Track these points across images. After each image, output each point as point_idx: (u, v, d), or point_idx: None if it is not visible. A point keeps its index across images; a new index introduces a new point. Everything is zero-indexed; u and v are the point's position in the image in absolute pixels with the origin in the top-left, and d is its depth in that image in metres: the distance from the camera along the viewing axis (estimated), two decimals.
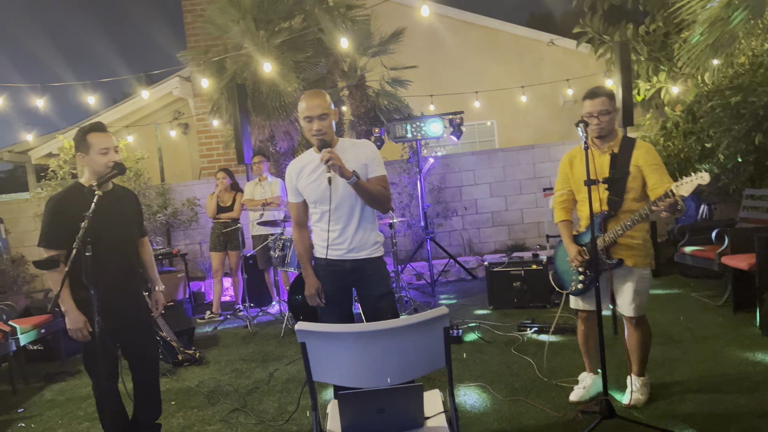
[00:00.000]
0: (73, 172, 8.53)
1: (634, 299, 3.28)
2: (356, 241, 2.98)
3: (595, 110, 3.26)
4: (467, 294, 7.01)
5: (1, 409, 4.40)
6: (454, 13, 11.84)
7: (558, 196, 3.57)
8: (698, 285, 6.21)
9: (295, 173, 3.03)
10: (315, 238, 3.11)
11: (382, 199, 2.96)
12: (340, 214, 2.95)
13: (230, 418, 3.79)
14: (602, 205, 3.29)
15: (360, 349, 2.06)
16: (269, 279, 6.99)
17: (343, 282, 3.05)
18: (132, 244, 3.23)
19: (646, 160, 3.20)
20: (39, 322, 5.22)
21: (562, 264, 3.57)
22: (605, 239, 3.27)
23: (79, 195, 2.92)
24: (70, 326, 2.94)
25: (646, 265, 3.30)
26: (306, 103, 2.89)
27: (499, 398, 3.65)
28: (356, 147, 3.00)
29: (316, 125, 2.87)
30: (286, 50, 7.65)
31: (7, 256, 8.57)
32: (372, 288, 3.02)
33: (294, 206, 3.12)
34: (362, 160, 2.94)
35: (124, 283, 3.12)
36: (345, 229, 2.97)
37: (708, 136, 6.57)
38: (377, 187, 2.93)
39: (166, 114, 11.91)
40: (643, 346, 3.39)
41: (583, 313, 3.53)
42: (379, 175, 2.97)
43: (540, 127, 11.80)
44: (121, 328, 3.08)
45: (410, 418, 2.20)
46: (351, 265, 3.00)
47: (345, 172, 2.79)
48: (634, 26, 8.43)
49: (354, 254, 2.99)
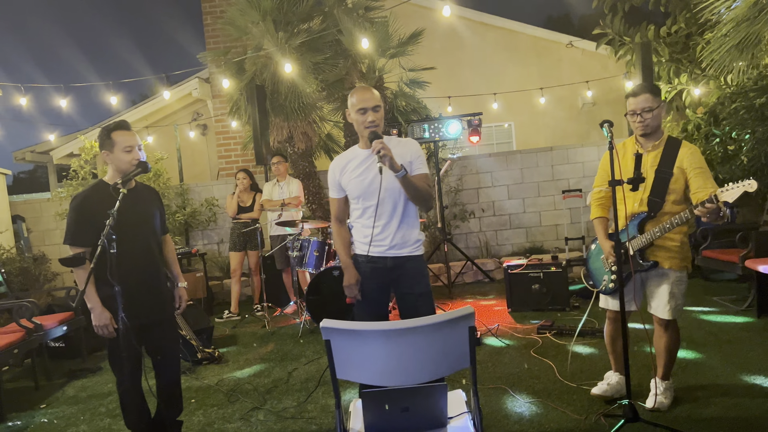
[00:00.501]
0: (94, 172, 8.63)
1: (669, 302, 3.23)
2: (398, 238, 2.96)
3: (638, 107, 3.21)
4: (485, 296, 6.98)
5: (24, 405, 4.46)
6: (473, 14, 11.82)
7: (596, 192, 3.52)
8: (721, 289, 6.13)
9: (339, 168, 3.04)
10: (356, 235, 3.08)
11: (427, 196, 2.95)
12: (383, 210, 2.94)
13: (250, 416, 3.80)
14: (641, 206, 3.25)
15: (384, 347, 2.06)
16: (287, 279, 7.01)
17: (383, 279, 3.01)
18: (155, 242, 3.25)
19: (691, 163, 3.13)
20: (61, 320, 5.28)
21: (595, 261, 3.54)
22: (642, 240, 3.22)
23: (104, 193, 2.96)
24: (95, 323, 2.96)
25: (682, 267, 3.26)
26: (359, 96, 2.92)
27: (520, 400, 3.62)
28: (402, 144, 3.01)
29: (370, 116, 2.88)
30: (305, 51, 7.68)
31: (29, 254, 8.68)
32: (412, 287, 3.00)
33: (335, 202, 3.12)
34: (407, 156, 2.94)
35: (148, 280, 3.14)
36: (387, 225, 2.96)
37: (731, 139, 6.48)
38: (422, 184, 2.93)
39: (186, 115, 12.01)
40: (672, 350, 3.34)
41: (611, 313, 3.49)
42: (423, 173, 2.97)
43: (558, 129, 11.73)
44: (145, 325, 3.10)
45: (434, 418, 2.19)
46: (392, 262, 2.98)
47: (395, 165, 2.77)
48: (655, 27, 8.35)
49: (395, 251, 2.97)
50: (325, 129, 9.26)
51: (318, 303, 5.69)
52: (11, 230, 8.70)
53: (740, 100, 6.10)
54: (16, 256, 8.22)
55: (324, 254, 6.08)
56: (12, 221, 8.83)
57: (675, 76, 8.23)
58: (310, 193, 8.31)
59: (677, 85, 8.16)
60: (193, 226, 8.98)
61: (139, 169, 3.02)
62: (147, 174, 3.49)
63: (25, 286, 7.97)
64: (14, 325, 4.80)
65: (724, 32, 5.36)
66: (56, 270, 8.90)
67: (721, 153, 6.64)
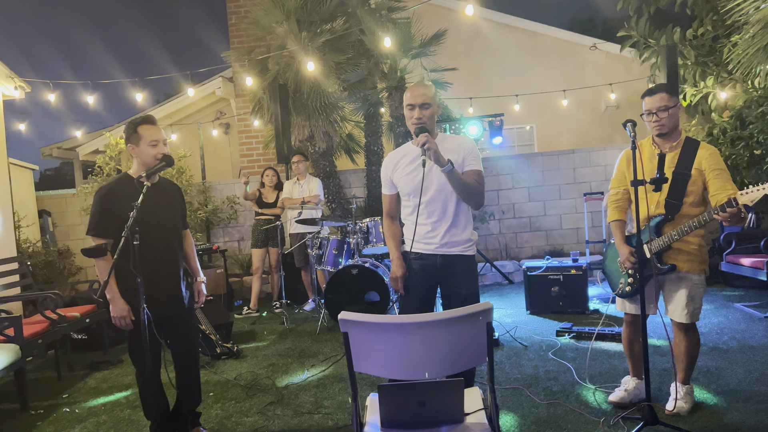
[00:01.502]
0: (119, 168, 8.76)
1: (687, 305, 3.18)
2: (449, 236, 2.94)
3: (653, 107, 3.17)
4: (504, 298, 6.95)
5: (46, 395, 4.54)
6: (496, 16, 11.78)
7: (613, 194, 3.48)
8: (744, 295, 6.04)
9: (392, 165, 3.04)
10: (406, 232, 3.06)
11: (476, 193, 2.92)
12: (433, 208, 2.93)
13: (267, 410, 3.83)
14: (658, 208, 3.20)
15: (403, 341, 2.06)
16: (306, 277, 7.05)
17: (432, 278, 2.98)
18: (176, 236, 3.30)
19: (710, 164, 3.07)
20: (84, 312, 5.37)
21: (611, 264, 3.51)
22: (659, 243, 3.17)
23: (128, 186, 3.01)
24: (113, 314, 3.01)
25: (700, 271, 3.20)
26: (410, 92, 2.93)
27: (537, 401, 3.60)
28: (454, 139, 3.02)
29: (417, 113, 2.88)
30: (328, 51, 7.73)
31: (54, 248, 8.84)
32: (460, 287, 2.97)
33: (387, 198, 3.12)
34: (460, 152, 2.93)
35: (169, 273, 3.18)
36: (438, 223, 2.94)
37: (757, 143, 6.38)
38: (471, 180, 2.90)
39: (209, 113, 12.14)
40: (691, 354, 3.29)
41: (628, 317, 3.46)
42: (475, 169, 2.95)
43: (581, 132, 11.64)
44: (166, 318, 3.14)
45: (450, 413, 2.19)
46: (442, 260, 2.96)
47: (440, 159, 2.75)
48: (681, 30, 8.25)
49: (446, 249, 2.95)
50: (346, 129, 9.30)
51: (336, 301, 5.72)
52: (38, 224, 8.87)
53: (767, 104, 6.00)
54: (41, 249, 8.38)
55: (343, 252, 6.11)
56: (38, 216, 9.00)
57: (701, 79, 8.12)
58: (330, 193, 8.35)
59: (703, 88, 8.05)
60: (215, 224, 9.07)
61: (163, 162, 3.07)
62: (170, 170, 3.55)
63: (50, 279, 8.12)
64: (39, 316, 4.90)
65: (751, 34, 5.28)
66: (80, 264, 9.06)
67: (747, 157, 6.54)
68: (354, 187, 9.08)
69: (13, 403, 4.34)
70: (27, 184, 8.81)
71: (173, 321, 3.23)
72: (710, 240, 7.63)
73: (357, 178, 9.08)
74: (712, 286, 6.60)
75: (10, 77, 7.00)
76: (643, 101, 3.26)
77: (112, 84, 8.82)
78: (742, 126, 6.68)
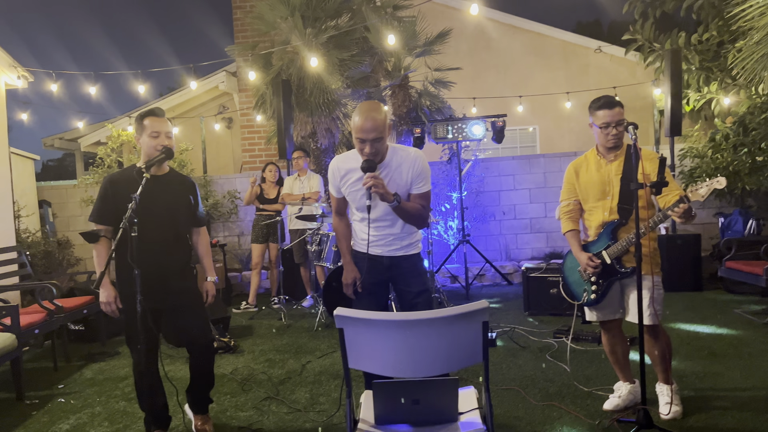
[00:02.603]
0: (120, 161, 8.77)
1: (649, 307, 3.18)
2: (395, 242, 3.02)
3: (613, 120, 3.20)
4: (502, 299, 6.94)
5: (42, 385, 4.54)
6: (501, 16, 11.76)
7: (564, 206, 3.52)
8: (743, 301, 6.03)
9: (340, 175, 3.00)
10: (356, 233, 3.13)
11: (420, 219, 2.98)
12: (379, 224, 2.99)
13: (262, 405, 3.83)
14: (612, 214, 3.25)
15: (398, 338, 2.06)
16: (305, 273, 7.05)
17: (381, 276, 3.07)
18: (174, 231, 3.25)
19: (654, 169, 3.11)
20: (82, 303, 5.37)
21: (572, 274, 3.51)
22: (618, 248, 3.22)
23: (131, 176, 3.01)
24: (101, 299, 3.06)
25: (657, 273, 3.23)
26: (361, 123, 2.73)
27: (533, 403, 3.60)
28: (405, 157, 2.92)
29: (368, 148, 2.78)
30: (332, 48, 7.72)
31: (54, 238, 8.84)
32: (409, 284, 3.04)
33: (335, 199, 3.14)
34: (408, 173, 2.91)
35: (162, 266, 3.15)
36: (384, 233, 3.01)
37: (759, 149, 6.38)
38: (416, 207, 2.94)
39: (212, 108, 12.14)
40: (664, 355, 3.28)
41: (603, 324, 3.46)
42: (422, 192, 2.95)
43: (583, 135, 11.60)
44: (160, 310, 3.16)
45: (444, 412, 2.19)
46: (389, 261, 3.03)
47: (387, 197, 2.79)
48: (686, 35, 8.23)
49: (392, 252, 3.03)
50: (349, 126, 9.26)
51: (334, 298, 5.71)
52: (38, 214, 8.87)
53: None
54: (41, 239, 8.38)
55: None
56: (39, 206, 9.00)
57: (705, 84, 8.11)
58: None
59: (706, 93, 8.04)
60: (215, 218, 9.07)
61: (163, 154, 3.07)
62: (171, 163, 3.54)
63: (49, 269, 8.12)
64: (36, 306, 4.90)
65: (756, 40, 5.27)
66: (79, 255, 9.06)
67: (749, 163, 6.53)
68: None
69: (9, 392, 4.35)
70: (28, 174, 8.82)
71: (170, 313, 3.23)
72: (709, 245, 7.62)
73: None
74: (710, 291, 6.58)
75: (14, 66, 7.00)
76: (596, 113, 3.27)
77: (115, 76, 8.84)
78: (745, 132, 6.67)
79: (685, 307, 5.87)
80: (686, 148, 7.67)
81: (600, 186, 3.30)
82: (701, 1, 8.03)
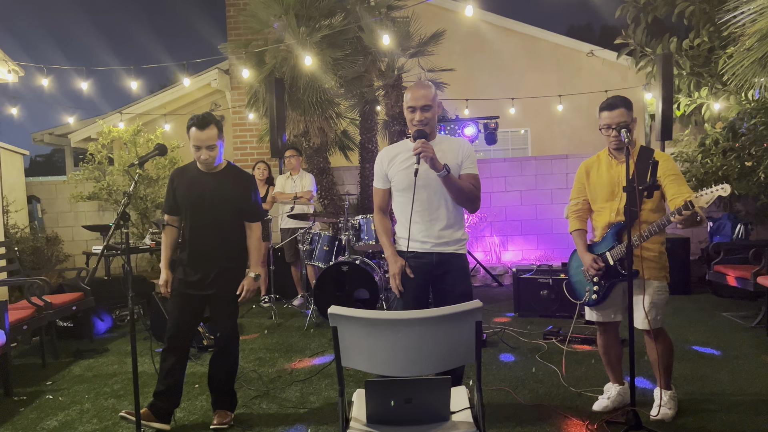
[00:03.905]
0: (110, 157, 8.72)
1: (649, 312, 3.19)
2: (443, 235, 2.95)
3: (613, 122, 3.19)
4: (493, 300, 6.96)
5: (30, 381, 4.50)
6: (494, 18, 11.79)
7: (573, 205, 3.53)
8: (731, 305, 6.09)
9: (387, 159, 3.03)
10: (399, 230, 3.05)
11: (472, 197, 2.95)
12: (427, 206, 2.94)
13: (252, 404, 3.82)
14: (618, 216, 3.25)
15: (391, 337, 2.06)
16: (296, 272, 7.04)
17: (426, 276, 2.97)
18: (217, 223, 3.36)
19: (665, 171, 3.12)
20: (71, 300, 5.33)
21: (576, 274, 3.53)
22: (622, 250, 3.21)
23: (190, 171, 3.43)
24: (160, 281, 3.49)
25: (661, 278, 3.23)
26: (411, 93, 2.90)
27: (522, 403, 3.61)
28: (453, 142, 3.00)
29: (418, 116, 2.87)
30: (325, 47, 7.71)
31: (42, 234, 8.77)
32: (454, 285, 2.97)
33: (379, 192, 3.11)
34: (458, 155, 2.93)
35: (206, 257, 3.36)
36: (431, 222, 2.95)
37: (749, 155, 6.43)
38: (467, 184, 2.92)
39: (204, 105, 12.08)
40: (665, 359, 3.30)
41: (600, 325, 3.48)
42: (472, 173, 2.97)
43: (575, 138, 11.68)
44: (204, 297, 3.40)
45: (436, 411, 2.20)
46: (438, 258, 2.96)
47: (436, 164, 2.77)
48: (677, 40, 8.30)
49: (441, 248, 2.96)
50: (342, 125, 9.27)
51: (326, 297, 5.71)
52: (26, 210, 8.80)
53: (760, 116, 6.05)
54: (29, 235, 8.31)
55: (333, 249, 6.10)
56: (27, 201, 8.93)
57: (695, 89, 8.17)
58: (323, 189, 8.33)
59: (697, 98, 8.10)
60: None
61: (156, 151, 3.20)
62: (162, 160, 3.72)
63: (37, 265, 8.06)
64: (25, 302, 4.86)
65: (747, 46, 5.32)
66: (68, 251, 9.00)
67: (738, 168, 6.59)
68: (347, 184, 9.07)
69: None
70: (17, 169, 8.74)
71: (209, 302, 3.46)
72: (698, 249, 7.69)
73: (350, 175, 9.07)
74: (698, 294, 6.64)
75: (4, 60, 6.94)
76: (600, 114, 3.27)
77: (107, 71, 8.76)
78: (735, 137, 6.73)
79: (673, 311, 5.91)
80: (676, 152, 7.73)
81: (609, 187, 3.29)
82: (693, 7, 8.10)
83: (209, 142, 3.23)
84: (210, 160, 3.27)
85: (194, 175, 3.34)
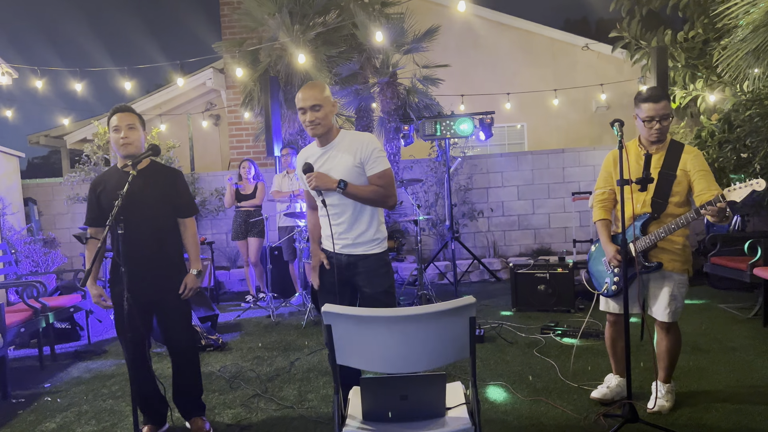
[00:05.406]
0: (107, 158, 8.70)
1: (669, 304, 3.21)
2: (351, 237, 2.97)
3: (657, 114, 3.14)
4: (490, 295, 6.97)
5: (28, 384, 4.50)
6: (489, 13, 11.77)
7: (599, 194, 3.49)
8: (727, 296, 6.10)
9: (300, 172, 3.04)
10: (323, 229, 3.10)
11: (379, 199, 2.92)
12: (335, 211, 2.97)
13: (250, 402, 3.82)
14: (644, 207, 3.23)
15: (385, 334, 2.06)
16: (293, 270, 7.04)
17: (342, 275, 3.00)
18: (158, 223, 3.24)
19: (695, 166, 3.12)
20: (68, 302, 5.32)
21: (596, 264, 3.52)
22: (645, 241, 3.20)
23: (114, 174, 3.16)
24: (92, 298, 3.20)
25: (684, 270, 3.23)
26: (300, 94, 2.90)
27: (520, 398, 3.62)
28: (354, 141, 2.95)
29: (309, 116, 2.87)
30: (320, 45, 7.70)
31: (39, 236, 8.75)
32: (366, 286, 2.99)
33: (306, 192, 3.19)
34: (355, 155, 2.90)
35: (150, 260, 3.18)
36: (341, 224, 2.98)
37: (744, 146, 6.43)
38: (371, 189, 2.90)
39: (199, 105, 12.07)
40: (673, 352, 3.32)
41: (611, 316, 3.48)
42: (377, 172, 2.91)
43: (571, 132, 11.69)
44: (149, 305, 3.20)
45: (432, 407, 2.20)
46: (346, 259, 2.99)
47: (329, 186, 2.84)
48: (672, 32, 8.29)
49: (349, 250, 2.98)
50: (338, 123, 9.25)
51: None
52: (23, 212, 8.77)
53: (755, 107, 6.05)
54: (26, 237, 8.29)
55: None
56: (24, 204, 8.91)
57: (690, 81, 8.17)
58: None
59: (692, 91, 8.10)
60: (203, 215, 9.03)
61: (150, 151, 3.08)
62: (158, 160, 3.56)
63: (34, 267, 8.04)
64: (22, 305, 4.86)
65: (741, 37, 5.31)
66: (65, 253, 8.98)
67: (734, 160, 6.59)
68: None
69: None
70: (13, 172, 8.71)
71: (158, 309, 3.27)
72: (695, 241, 7.70)
73: None
74: (695, 287, 6.65)
75: None
76: (640, 105, 3.20)
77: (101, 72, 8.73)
78: (730, 129, 6.73)
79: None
80: None
81: (636, 177, 3.17)
82: None
83: (129, 120, 3.14)
84: (134, 141, 3.13)
85: (119, 178, 3.09)
